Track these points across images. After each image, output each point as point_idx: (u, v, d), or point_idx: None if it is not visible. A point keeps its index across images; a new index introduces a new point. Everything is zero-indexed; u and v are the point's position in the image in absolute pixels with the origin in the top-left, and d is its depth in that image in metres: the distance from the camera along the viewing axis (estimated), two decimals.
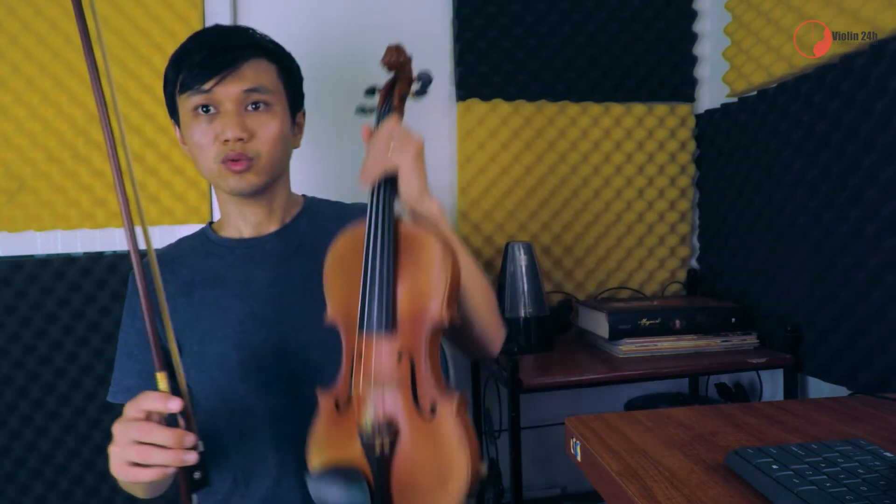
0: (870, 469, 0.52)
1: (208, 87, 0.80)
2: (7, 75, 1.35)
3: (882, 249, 1.03)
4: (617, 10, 1.57)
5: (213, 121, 0.82)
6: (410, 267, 0.70)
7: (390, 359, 0.68)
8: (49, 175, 1.37)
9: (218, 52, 0.81)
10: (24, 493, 1.38)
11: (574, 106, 1.57)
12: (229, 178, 0.83)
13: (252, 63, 0.83)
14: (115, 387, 0.91)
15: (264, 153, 0.84)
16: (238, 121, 0.81)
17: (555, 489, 1.66)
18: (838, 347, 1.13)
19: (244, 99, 0.82)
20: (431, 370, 0.68)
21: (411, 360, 0.68)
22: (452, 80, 1.55)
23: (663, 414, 0.75)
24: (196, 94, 0.81)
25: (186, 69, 0.81)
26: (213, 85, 0.80)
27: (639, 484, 0.56)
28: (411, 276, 0.70)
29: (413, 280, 0.70)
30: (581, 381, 1.19)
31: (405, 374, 0.68)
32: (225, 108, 0.82)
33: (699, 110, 1.64)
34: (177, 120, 0.88)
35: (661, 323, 1.31)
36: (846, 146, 1.10)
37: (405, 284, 0.70)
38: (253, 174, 0.84)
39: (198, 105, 0.82)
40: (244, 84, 0.82)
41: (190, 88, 0.81)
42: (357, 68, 1.50)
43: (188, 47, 0.83)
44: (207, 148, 0.82)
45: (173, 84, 0.84)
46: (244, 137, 0.81)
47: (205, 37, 0.84)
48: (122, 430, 0.64)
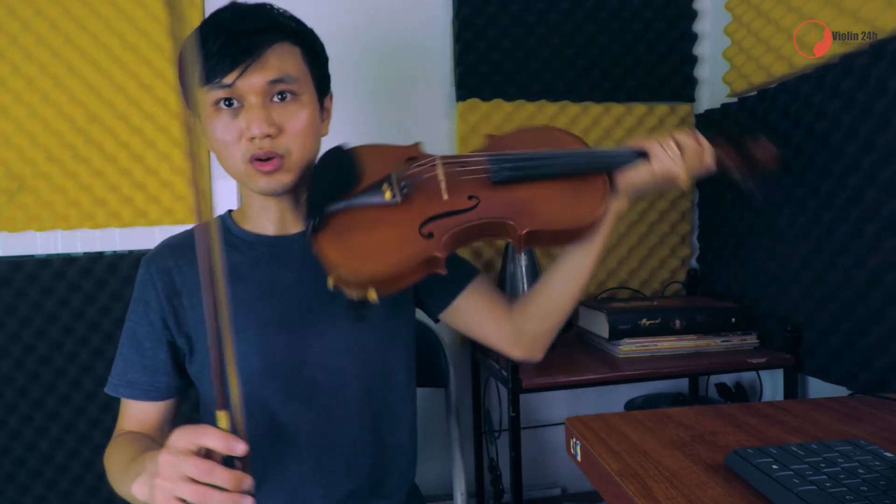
0: (870, 469, 0.52)
1: (230, 80, 0.74)
2: (7, 75, 1.35)
3: (882, 249, 1.03)
4: (617, 10, 1.56)
5: (238, 116, 0.76)
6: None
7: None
8: (49, 175, 1.37)
9: (238, 38, 0.74)
10: (24, 493, 1.38)
11: (574, 106, 1.57)
12: (259, 179, 0.78)
13: (276, 49, 0.76)
14: (118, 380, 0.87)
15: (295, 149, 0.78)
16: (264, 115, 0.75)
17: (555, 489, 1.66)
18: (838, 347, 1.13)
19: (269, 90, 0.76)
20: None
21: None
22: (452, 80, 1.55)
23: (663, 414, 0.75)
24: (217, 87, 0.75)
25: (204, 59, 0.73)
26: (236, 78, 0.74)
27: (639, 484, 0.56)
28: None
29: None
30: (581, 381, 1.19)
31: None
32: (249, 101, 0.75)
33: (699, 110, 1.64)
34: (195, 114, 0.81)
35: (661, 323, 1.31)
36: (846, 146, 1.10)
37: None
38: (283, 173, 0.79)
39: (219, 99, 0.76)
40: (269, 74, 0.75)
41: (210, 82, 0.74)
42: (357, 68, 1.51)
43: (205, 32, 0.75)
44: (232, 146, 0.77)
45: (189, 75, 0.78)
46: (272, 133, 0.76)
47: (221, 18, 0.76)
48: (172, 462, 0.58)
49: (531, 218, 0.78)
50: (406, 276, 0.75)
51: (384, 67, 1.53)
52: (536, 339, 0.94)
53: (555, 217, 0.79)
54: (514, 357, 0.96)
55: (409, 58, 1.53)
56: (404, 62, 1.53)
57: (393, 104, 1.54)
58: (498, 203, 0.79)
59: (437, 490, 1.54)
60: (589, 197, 0.81)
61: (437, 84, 1.56)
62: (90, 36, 1.37)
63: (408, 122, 1.55)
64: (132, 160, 1.40)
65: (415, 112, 1.55)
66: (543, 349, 0.96)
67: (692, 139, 0.85)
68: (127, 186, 1.40)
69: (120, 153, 1.40)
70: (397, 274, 0.74)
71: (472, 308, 0.95)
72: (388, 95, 1.53)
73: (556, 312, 0.91)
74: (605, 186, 0.82)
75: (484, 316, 0.95)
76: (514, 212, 0.78)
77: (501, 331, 0.94)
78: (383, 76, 1.53)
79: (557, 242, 0.84)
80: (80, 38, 1.37)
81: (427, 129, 1.55)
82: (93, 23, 1.37)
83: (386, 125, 1.53)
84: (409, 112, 1.55)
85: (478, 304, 0.95)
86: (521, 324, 0.93)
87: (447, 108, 1.56)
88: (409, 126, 1.54)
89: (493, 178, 0.80)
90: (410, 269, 0.74)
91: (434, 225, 0.77)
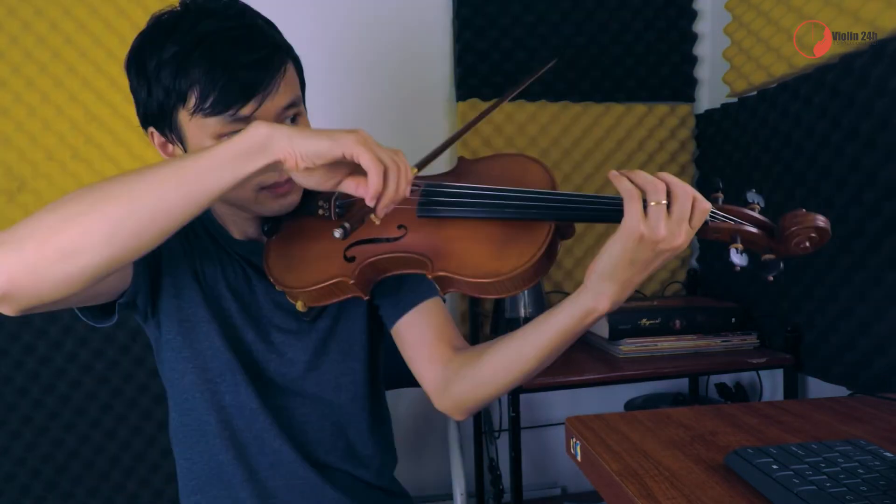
0: (870, 469, 0.52)
1: (248, 112, 0.68)
2: (7, 75, 1.35)
3: (882, 249, 1.03)
4: (617, 10, 1.56)
5: None
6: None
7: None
8: (49, 175, 1.37)
9: (245, 69, 0.68)
10: (25, 493, 1.38)
11: (575, 106, 1.57)
12: (272, 202, 0.75)
13: (285, 74, 0.72)
14: None
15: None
16: None
17: (555, 489, 1.66)
18: (838, 347, 1.13)
19: (281, 115, 0.72)
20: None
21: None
22: (452, 80, 1.55)
23: (663, 414, 0.75)
24: (232, 121, 0.68)
25: (205, 85, 0.67)
26: (253, 111, 0.68)
27: (639, 484, 0.56)
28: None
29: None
30: (581, 381, 1.19)
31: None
32: None
33: (699, 110, 1.64)
34: (167, 132, 0.73)
35: (661, 323, 1.31)
36: (846, 146, 1.10)
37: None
38: (295, 194, 0.76)
39: (226, 133, 0.69)
40: (282, 100, 0.71)
41: (217, 111, 0.67)
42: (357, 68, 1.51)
43: (195, 60, 0.67)
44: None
45: (176, 97, 0.69)
46: None
47: (216, 50, 0.67)
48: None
49: (446, 262, 0.70)
50: (323, 295, 0.76)
51: (384, 67, 1.53)
52: (460, 405, 0.80)
53: (470, 264, 0.69)
54: (436, 407, 0.83)
55: (409, 58, 1.53)
56: (404, 62, 1.53)
57: (393, 104, 1.54)
58: (421, 238, 0.73)
59: (437, 490, 1.54)
60: (517, 249, 0.67)
61: (437, 84, 1.56)
62: (90, 36, 1.37)
63: (408, 122, 1.55)
64: (132, 160, 1.40)
65: (415, 112, 1.55)
66: (465, 415, 0.82)
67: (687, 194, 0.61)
68: None
69: (120, 153, 1.40)
70: (314, 290, 0.75)
71: (414, 335, 0.84)
72: (388, 95, 1.53)
73: (487, 388, 0.77)
74: (541, 239, 0.67)
75: (420, 350, 0.83)
76: (433, 251, 0.71)
77: (430, 375, 0.82)
78: (383, 76, 1.53)
79: (478, 294, 0.71)
80: (80, 38, 1.37)
81: (427, 129, 1.55)
82: (93, 23, 1.37)
83: (386, 125, 1.53)
84: (409, 112, 1.55)
85: (420, 332, 0.83)
86: (450, 381, 0.80)
87: (447, 108, 1.56)
88: (409, 126, 1.54)
89: (419, 212, 0.73)
90: (326, 289, 0.75)
91: (359, 249, 0.74)
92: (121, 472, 1.40)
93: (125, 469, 1.41)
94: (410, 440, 1.56)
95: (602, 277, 0.64)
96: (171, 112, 0.71)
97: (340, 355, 0.87)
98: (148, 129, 0.76)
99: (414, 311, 0.84)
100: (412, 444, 1.55)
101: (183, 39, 0.68)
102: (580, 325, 0.68)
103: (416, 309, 0.84)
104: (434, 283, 0.72)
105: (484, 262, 0.68)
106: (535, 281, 0.70)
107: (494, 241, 0.69)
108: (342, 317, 0.87)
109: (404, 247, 0.73)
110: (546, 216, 0.68)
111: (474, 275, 0.68)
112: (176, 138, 0.73)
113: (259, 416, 0.82)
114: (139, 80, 0.72)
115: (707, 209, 0.62)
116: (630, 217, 0.60)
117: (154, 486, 1.42)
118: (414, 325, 0.84)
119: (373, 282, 0.77)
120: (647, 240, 0.60)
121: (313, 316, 0.85)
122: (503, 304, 1.39)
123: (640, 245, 0.60)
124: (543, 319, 0.71)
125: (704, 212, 0.62)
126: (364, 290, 0.76)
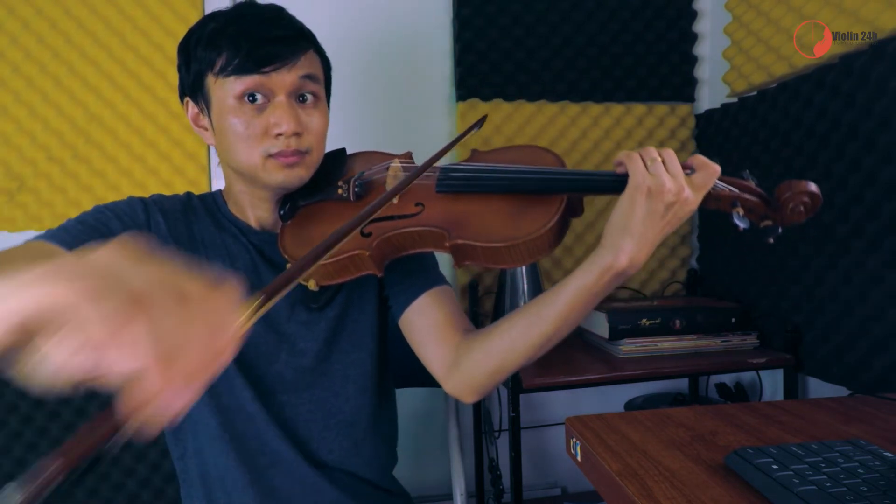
0: (870, 469, 0.52)
1: (267, 69, 0.74)
2: (7, 75, 1.35)
3: (882, 249, 1.03)
4: (617, 10, 1.57)
5: (263, 112, 0.76)
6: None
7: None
8: (49, 175, 1.37)
9: (271, 42, 0.75)
10: None
11: (574, 106, 1.57)
12: (278, 172, 0.78)
13: (307, 54, 0.79)
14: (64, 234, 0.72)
15: (314, 148, 0.80)
16: (294, 114, 0.76)
17: (555, 489, 1.66)
18: (838, 347, 1.13)
19: (299, 87, 0.77)
20: None
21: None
22: (452, 80, 1.55)
23: (663, 414, 0.75)
24: (247, 75, 0.74)
25: (231, 50, 0.74)
26: (272, 70, 0.74)
27: (639, 484, 0.56)
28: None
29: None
30: (581, 381, 1.19)
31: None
32: (278, 98, 0.76)
33: (699, 110, 1.64)
34: (199, 100, 0.80)
35: (661, 323, 1.31)
36: (846, 146, 1.10)
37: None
38: (303, 168, 0.79)
39: (245, 92, 0.75)
40: (301, 70, 0.77)
41: (239, 70, 0.74)
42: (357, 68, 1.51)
43: (229, 32, 0.75)
44: (253, 140, 0.76)
45: (206, 63, 0.76)
46: (301, 131, 0.77)
47: (247, 23, 0.76)
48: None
49: (464, 231, 0.74)
50: (338, 270, 0.78)
51: (384, 67, 1.53)
52: (471, 380, 0.81)
53: (486, 232, 0.73)
54: (445, 390, 0.85)
55: (409, 58, 1.53)
56: (404, 62, 1.53)
57: (393, 104, 1.54)
58: (439, 213, 0.77)
59: (437, 490, 1.54)
60: (531, 217, 0.72)
61: (437, 84, 1.56)
62: (90, 36, 1.37)
63: (408, 121, 1.55)
64: (133, 160, 1.40)
65: (415, 112, 1.55)
66: (475, 394, 0.83)
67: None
68: (127, 186, 1.40)
69: (120, 153, 1.40)
70: (329, 264, 0.76)
71: (424, 318, 0.86)
72: (389, 95, 1.53)
73: (500, 357, 0.78)
74: (554, 208, 0.72)
75: (430, 332, 0.85)
76: (451, 223, 0.75)
77: (439, 355, 0.84)
78: (383, 76, 1.54)
79: (493, 263, 0.75)
80: (80, 38, 1.37)
81: (427, 129, 1.55)
82: (93, 23, 1.37)
83: (386, 125, 1.53)
84: (410, 112, 1.55)
85: (430, 315, 0.86)
86: (461, 356, 0.81)
87: (447, 108, 1.56)
88: (410, 126, 1.54)
89: (437, 187, 0.78)
90: (342, 263, 0.77)
91: (375, 226, 0.78)
92: (121, 472, 1.41)
93: (125, 469, 1.41)
94: (410, 440, 1.56)
95: (617, 232, 0.67)
96: (203, 79, 0.78)
97: (350, 345, 0.88)
98: (184, 100, 0.83)
99: (425, 296, 0.86)
100: (412, 444, 1.55)
101: (222, 18, 0.77)
102: (599, 284, 0.69)
103: (427, 293, 0.87)
104: (442, 275, 0.82)
105: (500, 229, 0.73)
106: (546, 252, 0.74)
107: (510, 212, 0.74)
108: (351, 307, 0.89)
109: (422, 222, 0.77)
110: (559, 188, 0.74)
111: (489, 240, 0.72)
112: (205, 105, 0.80)
113: (259, 416, 0.82)
114: (182, 56, 0.80)
115: (716, 169, 0.69)
116: (635, 173, 0.67)
117: (154, 486, 1.42)
118: (424, 309, 0.86)
119: (388, 258, 0.79)
120: (655, 192, 0.66)
121: (322, 303, 0.86)
122: (503, 304, 1.39)
123: (650, 199, 0.66)
124: (562, 282, 0.73)
125: (713, 172, 0.69)
126: (379, 267, 0.78)
